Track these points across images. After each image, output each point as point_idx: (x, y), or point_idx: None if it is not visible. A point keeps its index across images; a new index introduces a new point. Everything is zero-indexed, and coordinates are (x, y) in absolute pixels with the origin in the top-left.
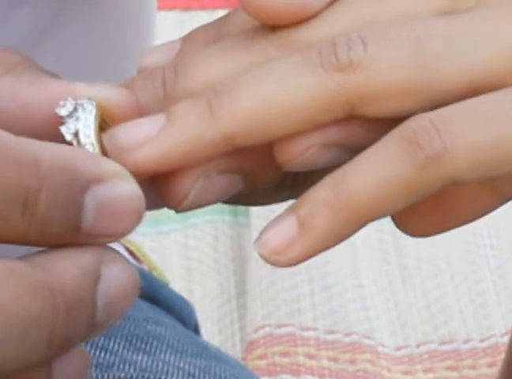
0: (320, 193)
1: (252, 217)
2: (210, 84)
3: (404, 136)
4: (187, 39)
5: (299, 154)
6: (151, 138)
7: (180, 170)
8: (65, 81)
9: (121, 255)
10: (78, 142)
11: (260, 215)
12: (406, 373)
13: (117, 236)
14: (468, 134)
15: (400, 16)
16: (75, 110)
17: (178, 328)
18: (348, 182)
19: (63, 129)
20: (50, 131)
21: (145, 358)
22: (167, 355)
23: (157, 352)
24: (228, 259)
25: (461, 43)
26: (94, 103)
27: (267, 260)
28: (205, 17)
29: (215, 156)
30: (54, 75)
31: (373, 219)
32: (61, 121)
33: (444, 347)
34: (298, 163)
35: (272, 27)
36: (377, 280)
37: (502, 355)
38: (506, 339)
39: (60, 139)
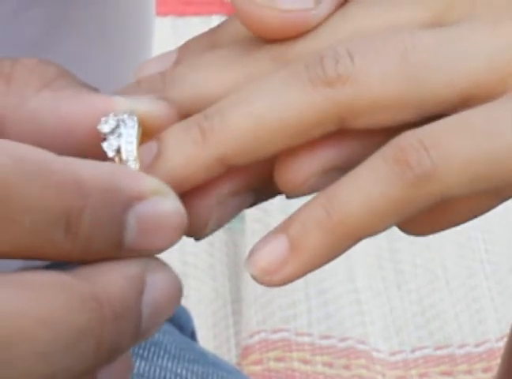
0: (311, 212)
1: (247, 222)
2: (198, 94)
3: (392, 155)
4: (183, 49)
5: (301, 184)
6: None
7: (195, 202)
8: (105, 95)
9: (164, 262)
10: (120, 159)
11: (255, 219)
12: (401, 378)
13: (159, 250)
14: (457, 151)
15: (391, 29)
16: (117, 126)
17: (175, 334)
18: (339, 202)
19: (105, 145)
20: (90, 145)
21: (143, 363)
22: (165, 361)
23: (155, 358)
24: (224, 264)
25: (448, 55)
26: (135, 118)
27: (259, 281)
28: (200, 23)
29: (222, 181)
30: (92, 88)
31: (364, 237)
32: (102, 136)
33: (439, 352)
34: (301, 191)
35: (268, 39)
36: (372, 285)
37: (498, 360)
38: (501, 344)
39: (100, 152)
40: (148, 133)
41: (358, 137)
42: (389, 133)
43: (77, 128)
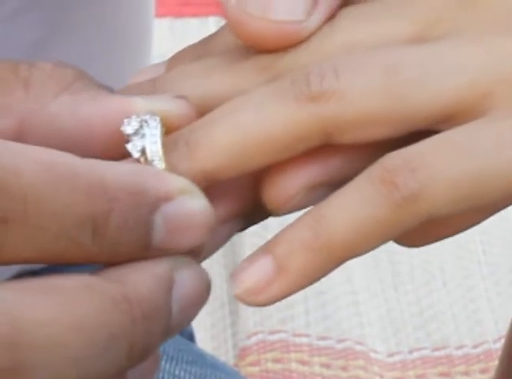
0: (298, 233)
1: None
2: None
3: (378, 177)
4: (174, 58)
5: (287, 201)
6: None
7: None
8: (124, 96)
9: (191, 259)
10: (145, 159)
11: None
12: None
13: (186, 249)
14: (444, 171)
15: (376, 44)
16: (140, 126)
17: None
18: (326, 223)
19: (129, 146)
20: (110, 147)
21: None
22: (163, 362)
23: None
24: (221, 265)
25: (432, 71)
26: (158, 118)
27: (242, 301)
28: (197, 24)
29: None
30: (111, 90)
31: (351, 258)
32: (125, 138)
33: (437, 353)
34: (287, 209)
35: (258, 50)
36: (369, 287)
37: (495, 361)
38: (498, 345)
39: (120, 154)
40: (168, 132)
41: (343, 152)
42: (374, 147)
43: (97, 130)
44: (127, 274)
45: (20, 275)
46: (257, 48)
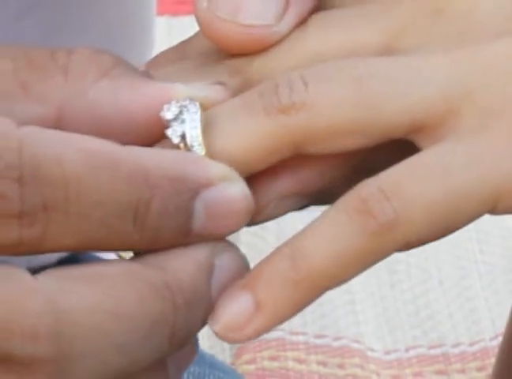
0: (276, 267)
1: None
2: None
3: (354, 207)
4: (152, 62)
5: (259, 211)
6: None
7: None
8: (163, 83)
9: (230, 242)
10: (185, 144)
11: None
12: (395, 377)
13: (225, 235)
14: (418, 197)
15: (345, 51)
16: (180, 112)
17: None
18: (305, 256)
19: (169, 132)
20: (149, 133)
21: None
22: None
23: None
24: None
25: (401, 82)
26: (197, 103)
27: (222, 338)
28: (194, 22)
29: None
30: (149, 76)
31: (332, 288)
32: (164, 123)
33: (433, 351)
34: (260, 219)
35: (229, 53)
36: (366, 285)
37: (492, 359)
38: (495, 343)
39: (159, 140)
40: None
41: (315, 163)
42: (345, 157)
43: (136, 116)
44: (168, 260)
45: (60, 263)
46: (228, 51)
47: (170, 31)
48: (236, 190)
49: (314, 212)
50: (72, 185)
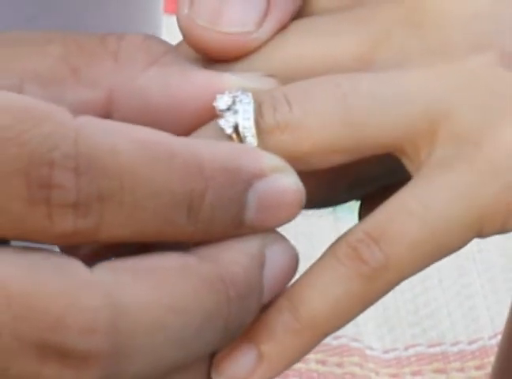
0: (277, 318)
1: None
2: None
3: (344, 254)
4: None
5: None
6: None
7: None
8: (214, 72)
9: (280, 234)
10: (238, 135)
11: None
12: (394, 375)
13: (277, 226)
14: (404, 237)
15: (322, 60)
16: (233, 103)
17: None
18: (303, 305)
19: (222, 122)
20: (199, 122)
21: None
22: None
23: None
24: None
25: (384, 100)
26: (250, 94)
27: None
28: None
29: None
30: (200, 65)
31: (333, 332)
32: (217, 113)
33: (432, 350)
34: None
35: (210, 60)
36: None
37: (490, 358)
38: (494, 341)
39: None
40: None
41: (306, 177)
42: (329, 170)
43: (186, 105)
44: (221, 253)
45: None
46: (208, 58)
47: (169, 29)
48: (289, 181)
49: (312, 217)
50: (127, 176)
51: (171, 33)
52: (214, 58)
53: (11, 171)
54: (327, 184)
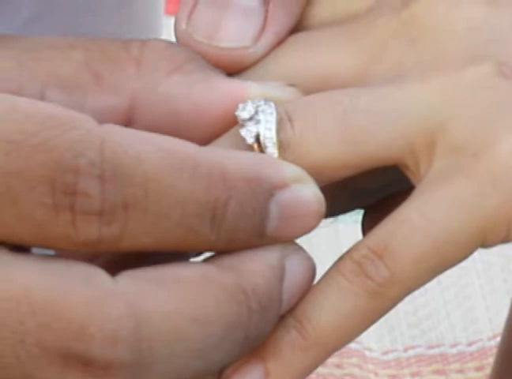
0: (285, 336)
1: None
2: None
3: (349, 270)
4: None
5: None
6: None
7: None
8: (237, 80)
9: (298, 244)
10: (259, 145)
11: None
12: (393, 377)
13: (296, 237)
14: (407, 252)
15: (319, 75)
16: (256, 112)
17: None
18: (310, 323)
19: (243, 131)
20: (220, 131)
21: None
22: None
23: None
24: None
25: (382, 115)
26: (273, 104)
27: None
28: None
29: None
30: (221, 72)
31: (340, 349)
32: (240, 122)
33: (431, 351)
34: None
35: None
36: None
37: (490, 359)
38: (493, 343)
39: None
40: None
41: None
42: (339, 182)
43: (208, 112)
44: (242, 263)
45: None
46: None
47: (168, 29)
48: (309, 192)
49: None
50: (152, 185)
51: (171, 35)
52: None
53: (36, 178)
54: (327, 194)
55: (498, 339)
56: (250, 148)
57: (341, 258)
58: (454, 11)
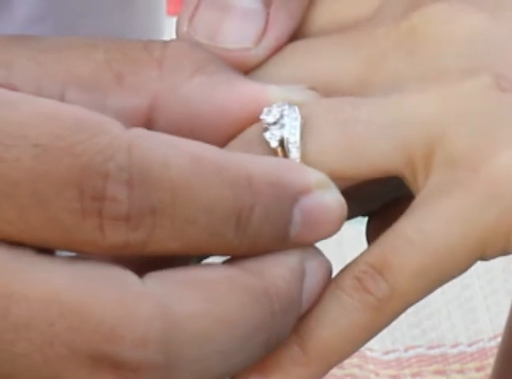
0: (285, 352)
1: None
2: None
3: (350, 286)
4: None
5: None
6: None
7: None
8: (259, 83)
9: (317, 248)
10: (283, 150)
11: None
12: (394, 377)
13: (317, 241)
14: (406, 267)
15: (319, 82)
16: (281, 116)
17: None
18: (311, 338)
19: (267, 135)
20: (241, 132)
21: None
22: None
23: None
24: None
25: (382, 126)
26: (297, 109)
27: None
28: None
29: None
30: (242, 75)
31: (342, 361)
32: (264, 126)
33: (432, 352)
34: None
35: None
36: None
37: (490, 360)
38: (493, 343)
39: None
40: None
41: None
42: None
43: (230, 115)
44: (265, 266)
45: None
46: None
47: (168, 30)
48: (332, 197)
49: None
50: (179, 190)
51: (173, 35)
52: None
53: (64, 182)
54: None
55: (499, 339)
56: (273, 151)
57: (341, 273)
58: (454, 22)
